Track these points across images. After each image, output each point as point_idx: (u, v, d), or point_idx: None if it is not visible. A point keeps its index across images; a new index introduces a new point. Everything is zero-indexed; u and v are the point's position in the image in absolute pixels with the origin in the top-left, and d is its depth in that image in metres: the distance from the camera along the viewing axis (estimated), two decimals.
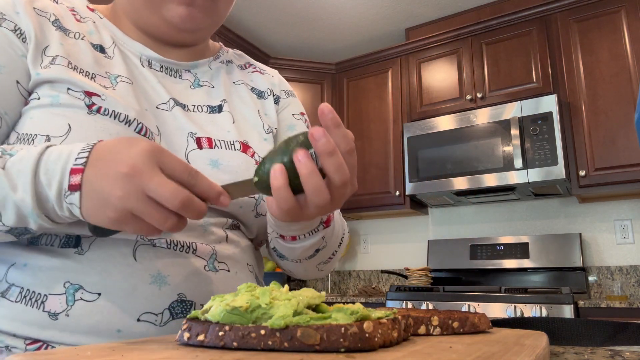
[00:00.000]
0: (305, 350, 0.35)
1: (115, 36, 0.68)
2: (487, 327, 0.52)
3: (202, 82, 0.72)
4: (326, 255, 0.69)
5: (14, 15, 0.60)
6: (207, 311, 0.40)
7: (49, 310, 0.52)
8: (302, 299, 0.39)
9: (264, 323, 0.37)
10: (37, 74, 0.58)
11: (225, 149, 0.65)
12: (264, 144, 0.71)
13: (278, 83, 0.83)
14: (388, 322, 0.38)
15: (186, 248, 0.58)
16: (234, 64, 0.81)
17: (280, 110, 0.79)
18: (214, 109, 0.70)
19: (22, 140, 0.56)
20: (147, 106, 0.63)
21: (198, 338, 0.38)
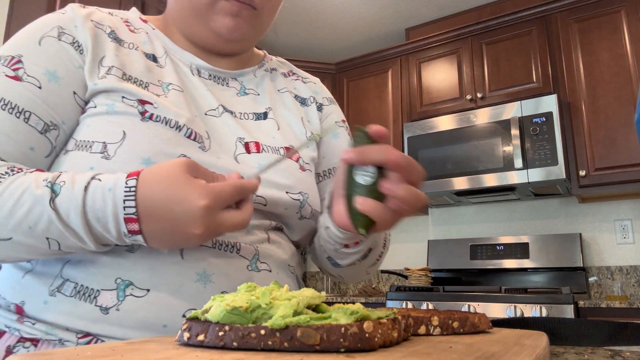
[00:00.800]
0: (305, 350, 0.35)
1: (167, 46, 0.71)
2: (487, 327, 0.52)
3: (248, 90, 0.75)
4: (374, 258, 0.73)
5: (73, 29, 0.64)
6: (207, 311, 0.40)
7: (100, 304, 0.55)
8: (302, 299, 0.39)
9: (264, 323, 0.37)
10: (95, 84, 0.61)
11: (271, 154, 0.68)
12: (306, 151, 0.74)
13: (320, 91, 0.86)
14: (388, 322, 0.38)
15: (230, 248, 0.60)
16: (277, 72, 0.84)
17: (323, 118, 0.82)
18: (260, 116, 0.72)
19: (80, 147, 0.59)
20: (197, 113, 0.66)
21: (198, 338, 0.38)
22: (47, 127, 0.60)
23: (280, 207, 0.66)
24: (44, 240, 0.52)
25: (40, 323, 0.56)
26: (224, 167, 0.62)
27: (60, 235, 0.52)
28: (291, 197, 0.66)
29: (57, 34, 0.63)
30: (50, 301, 0.56)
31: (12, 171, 0.54)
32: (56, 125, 0.60)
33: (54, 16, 0.65)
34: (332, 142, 0.82)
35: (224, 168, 0.62)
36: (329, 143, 0.81)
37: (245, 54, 0.79)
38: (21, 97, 0.58)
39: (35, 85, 0.59)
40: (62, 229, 0.51)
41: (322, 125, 0.81)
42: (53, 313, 0.56)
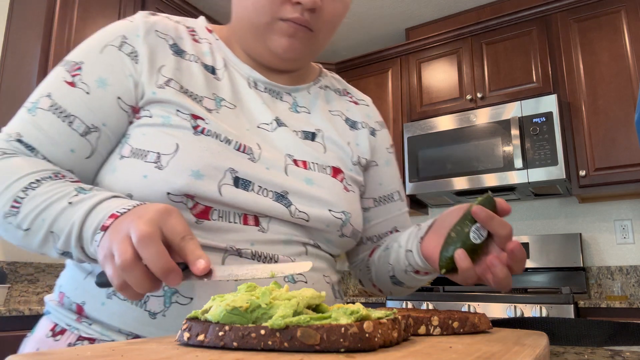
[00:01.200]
0: (305, 350, 0.35)
1: (227, 58, 0.74)
2: (487, 327, 0.52)
3: (300, 108, 0.77)
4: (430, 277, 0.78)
5: (134, 39, 0.67)
6: (207, 311, 0.40)
7: (149, 309, 0.58)
8: (302, 299, 0.39)
9: (264, 323, 0.37)
10: (153, 92, 0.65)
11: (317, 172, 0.70)
12: (352, 174, 0.76)
13: (373, 114, 0.88)
14: (388, 322, 0.38)
15: (269, 259, 0.63)
16: (331, 90, 0.85)
17: (378, 144, 0.85)
18: (308, 136, 0.74)
19: (136, 155, 0.62)
20: (249, 126, 0.69)
21: (198, 338, 0.38)
22: (88, 129, 0.63)
23: (323, 224, 0.68)
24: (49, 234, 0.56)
25: (96, 324, 0.60)
26: (272, 179, 0.64)
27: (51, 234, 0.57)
28: (333, 215, 0.68)
29: (119, 43, 0.67)
30: (107, 303, 0.60)
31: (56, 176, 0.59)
32: (97, 127, 0.64)
33: (121, 24, 0.69)
34: (385, 169, 0.85)
35: (272, 180, 0.64)
36: (383, 170, 0.85)
37: (303, 69, 0.82)
38: (70, 102, 0.63)
39: (84, 91, 0.64)
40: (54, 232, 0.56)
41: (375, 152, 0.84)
42: (108, 315, 0.59)
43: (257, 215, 0.63)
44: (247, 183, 0.62)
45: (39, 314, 1.80)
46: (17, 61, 2.30)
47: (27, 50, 2.26)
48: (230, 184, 0.61)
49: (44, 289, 2.42)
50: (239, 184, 0.62)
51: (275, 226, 0.64)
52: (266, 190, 0.64)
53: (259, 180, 0.63)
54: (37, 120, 0.62)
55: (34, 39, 2.23)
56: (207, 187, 0.59)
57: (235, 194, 0.61)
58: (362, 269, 0.86)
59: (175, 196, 0.59)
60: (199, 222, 0.60)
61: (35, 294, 2.39)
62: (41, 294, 2.41)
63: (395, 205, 0.86)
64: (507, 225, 0.58)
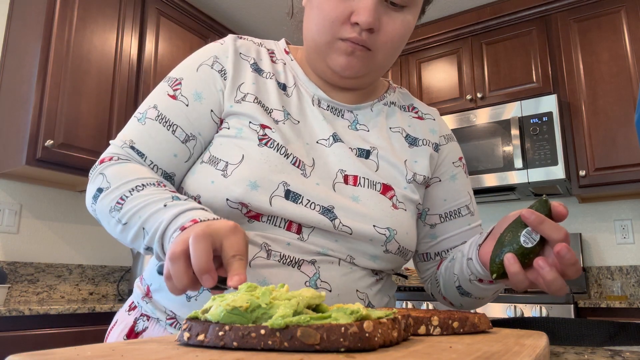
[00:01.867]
0: (305, 350, 0.35)
1: (297, 77, 0.81)
2: (487, 327, 0.52)
3: (360, 126, 0.80)
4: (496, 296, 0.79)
5: (224, 59, 0.77)
6: (207, 311, 0.40)
7: (186, 294, 0.66)
8: (302, 299, 0.39)
9: (264, 323, 0.37)
10: (231, 106, 0.73)
11: (367, 188, 0.73)
12: (405, 191, 0.76)
13: (438, 128, 0.87)
14: (388, 322, 0.38)
15: (293, 263, 0.67)
16: (396, 107, 0.87)
17: (441, 160, 0.85)
18: (362, 153, 0.77)
19: (211, 161, 0.71)
20: (309, 140, 0.75)
21: (198, 338, 0.38)
22: (188, 137, 0.73)
23: (366, 238, 0.70)
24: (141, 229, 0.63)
25: (151, 303, 0.71)
26: (320, 194, 0.69)
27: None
28: (377, 231, 0.70)
29: (211, 62, 0.76)
30: (162, 286, 0.70)
31: (159, 184, 0.67)
32: (194, 136, 0.73)
33: (214, 46, 0.79)
34: (450, 185, 0.85)
35: (320, 195, 0.69)
36: (448, 185, 0.84)
37: (368, 87, 0.84)
38: (173, 112, 0.72)
39: (184, 103, 0.73)
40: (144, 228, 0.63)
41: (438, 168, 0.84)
42: (160, 296, 0.70)
43: (301, 225, 0.68)
44: (297, 196, 0.68)
45: (39, 314, 1.80)
46: (17, 61, 2.30)
47: (27, 50, 2.26)
48: (282, 195, 0.67)
49: (44, 289, 2.42)
50: (290, 196, 0.68)
51: (315, 237, 0.69)
52: (314, 204, 0.68)
53: (308, 194, 0.68)
54: (147, 128, 0.71)
55: (34, 39, 2.23)
56: (260, 197, 0.66)
57: (284, 205, 0.67)
58: (432, 283, 0.87)
59: (233, 203, 0.66)
60: (250, 221, 0.68)
61: (35, 294, 2.39)
62: (41, 294, 2.41)
63: (463, 220, 0.85)
64: (560, 229, 0.57)
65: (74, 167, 2.24)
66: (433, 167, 0.83)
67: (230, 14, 3.38)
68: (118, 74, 2.50)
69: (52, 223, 2.52)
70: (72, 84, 2.28)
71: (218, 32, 3.11)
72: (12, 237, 2.35)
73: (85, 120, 2.31)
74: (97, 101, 2.38)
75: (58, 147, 2.18)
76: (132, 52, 2.58)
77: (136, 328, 0.72)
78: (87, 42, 2.37)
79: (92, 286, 2.63)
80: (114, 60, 2.50)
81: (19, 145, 2.14)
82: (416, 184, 0.79)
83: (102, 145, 2.36)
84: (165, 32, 2.78)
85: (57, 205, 2.56)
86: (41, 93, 2.17)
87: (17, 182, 2.40)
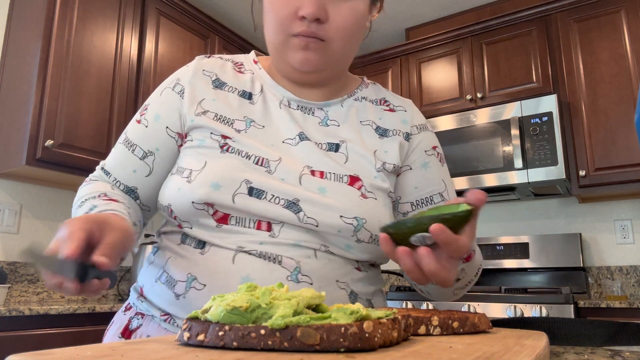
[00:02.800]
0: (305, 350, 0.35)
1: (265, 83, 0.83)
2: (487, 327, 0.52)
3: (330, 122, 0.82)
4: (464, 283, 0.79)
5: (185, 80, 0.82)
6: (207, 311, 0.40)
7: (176, 292, 0.70)
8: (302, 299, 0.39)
9: (264, 323, 0.37)
10: (192, 120, 0.77)
11: (333, 181, 0.74)
12: (374, 181, 0.77)
13: (410, 118, 0.87)
14: (388, 322, 0.38)
15: (273, 259, 0.69)
16: (367, 101, 0.87)
17: (412, 148, 0.85)
18: (332, 147, 0.79)
19: (178, 172, 0.75)
20: (274, 142, 0.77)
21: (198, 338, 0.38)
22: (145, 154, 0.79)
23: (334, 229, 0.71)
24: None
25: (146, 302, 0.74)
26: (285, 189, 0.71)
27: None
28: (344, 221, 0.71)
29: (173, 85, 0.82)
30: (155, 285, 0.74)
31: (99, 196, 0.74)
32: (152, 152, 0.79)
33: (180, 70, 0.84)
34: (421, 173, 0.84)
35: (285, 189, 0.70)
36: (419, 173, 0.84)
37: (336, 83, 0.85)
38: (135, 134, 0.81)
39: (145, 125, 0.81)
40: None
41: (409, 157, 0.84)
42: (153, 295, 0.73)
43: (270, 221, 0.70)
44: (260, 192, 0.70)
45: (39, 314, 1.80)
46: (17, 61, 2.30)
47: (27, 50, 2.26)
48: (245, 193, 0.70)
49: (44, 289, 2.42)
50: (253, 193, 0.70)
51: (286, 231, 0.70)
52: (278, 199, 0.70)
53: (272, 189, 0.70)
54: (116, 151, 0.82)
55: (34, 39, 2.23)
56: (223, 196, 0.69)
57: (248, 202, 0.69)
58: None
59: (198, 204, 0.69)
60: (218, 226, 0.70)
61: (35, 294, 2.39)
62: (41, 294, 2.41)
63: None
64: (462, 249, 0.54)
65: (74, 167, 2.24)
66: (403, 156, 0.83)
67: (230, 14, 3.38)
68: (118, 74, 2.50)
69: (52, 223, 2.52)
70: (72, 84, 2.28)
71: (218, 32, 3.11)
72: (12, 237, 2.35)
73: (85, 120, 2.31)
74: (97, 101, 2.38)
75: (58, 147, 2.18)
76: (132, 52, 2.58)
77: (130, 326, 0.75)
78: (87, 42, 2.37)
79: None
80: (114, 61, 2.50)
81: (19, 145, 2.14)
82: (386, 172, 0.80)
83: (102, 145, 2.36)
84: (165, 32, 2.78)
85: (57, 205, 2.56)
86: (41, 93, 2.17)
87: (17, 182, 2.40)
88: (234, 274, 0.67)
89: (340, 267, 0.73)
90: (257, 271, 0.67)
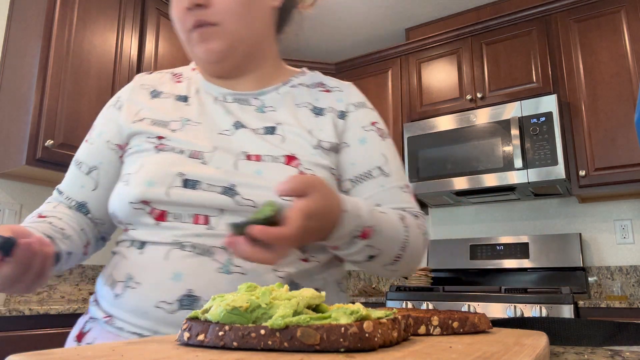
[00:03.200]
0: (305, 350, 0.35)
1: (200, 86, 0.86)
2: (487, 327, 0.52)
3: (266, 108, 0.83)
4: (387, 259, 0.75)
5: (124, 96, 0.86)
6: (207, 311, 0.40)
7: (115, 292, 0.71)
8: (302, 299, 0.39)
9: (264, 323, 0.37)
10: (130, 128, 0.80)
11: (270, 162, 0.75)
12: (313, 158, 0.78)
13: (346, 98, 0.87)
14: (388, 322, 0.38)
15: (205, 251, 0.69)
16: (303, 86, 0.88)
17: (348, 125, 0.84)
18: (269, 130, 0.80)
19: (120, 179, 0.78)
20: (210, 135, 0.78)
21: (198, 338, 0.38)
22: (90, 169, 0.84)
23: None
24: None
25: (95, 305, 0.76)
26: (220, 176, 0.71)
27: None
28: (283, 199, 0.69)
29: (114, 102, 0.87)
30: (102, 289, 0.75)
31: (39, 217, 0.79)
32: (96, 166, 0.84)
33: (122, 89, 0.89)
34: (359, 149, 0.83)
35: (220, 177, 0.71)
36: (356, 150, 0.83)
37: (264, 71, 0.86)
38: (82, 153, 0.86)
39: (90, 143, 0.86)
40: None
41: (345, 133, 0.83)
42: (101, 298, 0.75)
43: (207, 215, 0.70)
44: (195, 183, 0.71)
45: (39, 314, 1.80)
46: (17, 61, 2.30)
47: (27, 50, 2.26)
48: (179, 185, 0.71)
49: (44, 289, 2.42)
50: (187, 184, 0.71)
51: (223, 222, 0.70)
52: (213, 186, 0.71)
53: (207, 178, 0.71)
54: (68, 172, 0.87)
55: (34, 39, 2.23)
56: (157, 191, 0.70)
57: (182, 194, 0.70)
58: None
59: (135, 204, 0.71)
60: (157, 224, 0.71)
61: (36, 294, 2.39)
62: (41, 294, 2.41)
63: (374, 182, 0.81)
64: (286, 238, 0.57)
65: None
66: (339, 133, 0.83)
67: None
68: (118, 74, 2.50)
69: None
70: (72, 84, 2.28)
71: None
72: None
73: (85, 120, 2.31)
74: (97, 101, 2.38)
75: (58, 147, 2.18)
76: (132, 52, 2.58)
77: (84, 329, 0.76)
78: (87, 42, 2.37)
79: (92, 286, 2.63)
80: (114, 61, 2.50)
81: (19, 145, 2.14)
82: (324, 150, 0.79)
83: None
84: (165, 32, 2.78)
85: None
86: (41, 93, 2.17)
87: (17, 182, 2.40)
88: (165, 270, 0.68)
89: None
90: (187, 266, 0.68)
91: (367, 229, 0.69)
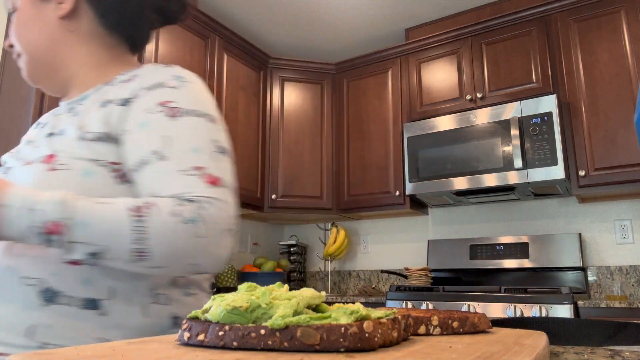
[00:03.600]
0: (305, 350, 0.35)
1: (55, 108, 0.92)
2: (487, 327, 0.52)
3: (80, 112, 0.84)
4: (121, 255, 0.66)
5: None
6: (207, 311, 0.40)
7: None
8: (302, 299, 0.39)
9: (264, 323, 0.37)
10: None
11: (24, 165, 0.79)
12: (73, 151, 0.77)
13: (139, 81, 0.80)
14: (388, 322, 0.38)
15: None
16: (119, 81, 0.84)
17: (131, 111, 0.78)
18: (50, 134, 0.84)
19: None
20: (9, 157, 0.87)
21: (198, 338, 0.38)
22: None
23: None
24: None
25: None
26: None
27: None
28: None
29: None
30: None
31: None
32: None
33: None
34: (138, 134, 0.75)
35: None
36: (136, 136, 0.75)
37: (82, 77, 0.90)
38: None
39: None
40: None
41: (125, 121, 0.77)
42: None
43: None
44: None
45: None
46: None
47: None
48: None
49: None
50: None
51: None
52: None
53: None
54: None
55: None
56: None
57: None
58: None
59: None
60: None
61: None
62: None
63: (149, 169, 0.73)
64: None
65: None
66: (116, 122, 0.77)
67: (230, 14, 3.38)
68: None
69: None
70: None
71: (218, 32, 3.11)
72: None
73: None
74: None
75: None
76: None
77: None
78: None
79: None
80: None
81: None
82: (88, 141, 0.76)
83: None
84: (165, 32, 2.78)
85: None
86: (41, 93, 2.17)
87: None
88: None
89: (34, 261, 0.69)
90: None
91: (54, 224, 0.64)
